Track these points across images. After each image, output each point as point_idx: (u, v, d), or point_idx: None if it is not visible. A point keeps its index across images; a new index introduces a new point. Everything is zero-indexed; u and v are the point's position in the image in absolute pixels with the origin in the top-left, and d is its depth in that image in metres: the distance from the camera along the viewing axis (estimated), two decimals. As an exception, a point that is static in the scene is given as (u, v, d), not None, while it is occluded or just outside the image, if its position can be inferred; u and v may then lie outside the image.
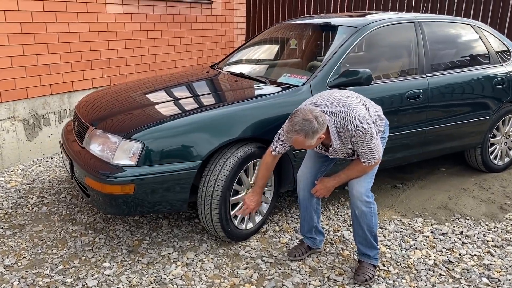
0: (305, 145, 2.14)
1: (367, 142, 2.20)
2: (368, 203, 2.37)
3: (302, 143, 2.13)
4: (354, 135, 2.17)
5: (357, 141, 2.19)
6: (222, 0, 6.42)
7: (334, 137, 2.20)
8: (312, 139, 2.10)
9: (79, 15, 4.34)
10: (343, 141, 2.23)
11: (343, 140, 2.22)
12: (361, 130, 2.16)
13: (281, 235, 2.90)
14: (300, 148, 2.25)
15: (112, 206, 2.55)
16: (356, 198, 2.38)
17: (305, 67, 3.51)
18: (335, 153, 2.32)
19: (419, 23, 3.45)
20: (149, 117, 2.68)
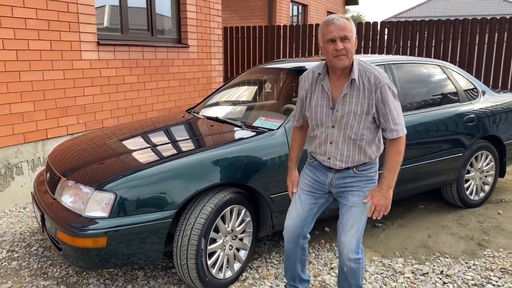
0: (348, 29, 2.00)
1: (392, 97, 2.05)
2: (358, 259, 2.22)
3: (346, 25, 2.00)
4: (377, 82, 2.03)
5: (381, 92, 2.03)
6: (199, 44, 6.53)
7: (356, 71, 2.07)
8: (354, 28, 2.03)
9: (54, 63, 4.33)
10: (363, 86, 2.06)
11: (363, 85, 2.06)
12: (384, 80, 2.05)
13: (261, 283, 2.83)
14: (339, 37, 2.00)
15: (84, 260, 2.46)
16: (345, 256, 2.22)
17: (280, 110, 3.55)
18: (346, 104, 2.09)
19: (389, 65, 3.56)
20: (123, 166, 2.64)
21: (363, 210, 2.20)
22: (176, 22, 6.23)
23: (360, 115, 2.08)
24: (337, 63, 2.05)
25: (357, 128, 2.11)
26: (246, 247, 2.90)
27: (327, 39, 2.03)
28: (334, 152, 2.19)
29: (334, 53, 2.02)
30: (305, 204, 2.35)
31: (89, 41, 4.70)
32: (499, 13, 23.16)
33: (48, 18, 4.24)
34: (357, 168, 2.20)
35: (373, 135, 2.16)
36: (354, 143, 2.15)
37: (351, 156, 2.18)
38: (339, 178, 2.23)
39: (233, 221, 2.76)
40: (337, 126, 2.14)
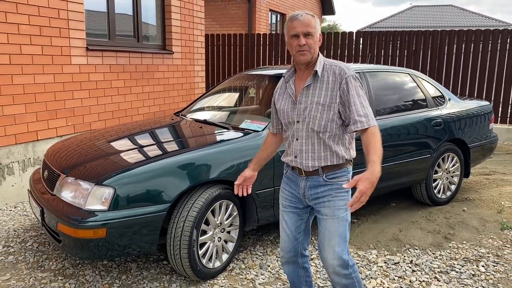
0: (311, 25, 2.00)
1: (357, 89, 2.00)
2: (348, 275, 2.08)
3: (310, 21, 2.01)
4: (342, 73, 2.01)
5: (346, 83, 1.99)
6: (183, 51, 6.75)
7: (319, 64, 2.06)
8: (318, 25, 2.04)
9: (44, 67, 4.49)
10: (327, 77, 2.04)
11: (328, 77, 2.04)
12: (350, 72, 2.03)
13: (247, 272, 3.07)
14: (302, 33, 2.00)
15: (84, 251, 2.64)
16: (332, 274, 2.10)
17: (263, 114, 3.80)
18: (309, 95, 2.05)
19: (363, 73, 3.87)
20: (120, 164, 2.84)
21: (338, 221, 2.07)
22: (161, 29, 6.44)
23: (323, 104, 2.02)
24: (299, 58, 2.05)
25: (320, 119, 2.03)
26: (233, 240, 3.13)
27: (291, 35, 2.04)
28: (300, 149, 2.11)
29: (297, 48, 2.03)
30: (291, 224, 2.27)
31: (79, 46, 4.86)
32: (472, 25, 24.15)
33: (40, 24, 4.40)
34: (327, 174, 2.08)
35: (339, 131, 2.06)
36: (318, 137, 2.06)
37: (316, 152, 2.08)
38: (310, 187, 2.12)
39: (221, 215, 2.99)
40: (301, 120, 2.08)
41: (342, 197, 2.08)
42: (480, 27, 22.19)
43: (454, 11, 29.81)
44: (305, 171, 2.12)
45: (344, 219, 2.08)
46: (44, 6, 4.42)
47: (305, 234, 2.30)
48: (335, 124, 2.04)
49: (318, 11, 19.24)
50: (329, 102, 2.02)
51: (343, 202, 2.08)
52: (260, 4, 13.04)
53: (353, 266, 2.11)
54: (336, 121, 2.04)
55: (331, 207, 2.07)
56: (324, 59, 2.10)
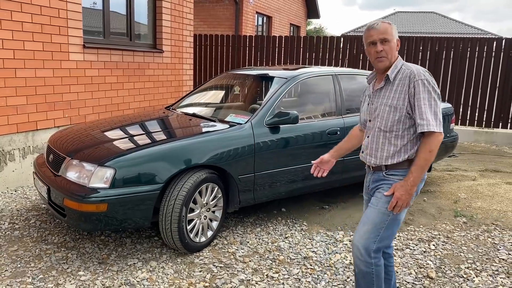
0: (387, 32, 2.11)
1: (424, 92, 2.05)
2: (369, 263, 2.15)
3: (386, 28, 2.12)
4: (412, 76, 2.08)
5: (414, 86, 2.06)
6: (172, 50, 7.14)
7: (393, 68, 2.15)
8: (395, 31, 2.13)
9: (45, 62, 4.84)
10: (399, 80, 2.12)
11: (399, 80, 2.12)
12: (420, 75, 2.08)
13: (229, 247, 3.50)
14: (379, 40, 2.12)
15: (86, 223, 3.04)
16: (354, 256, 2.20)
17: (247, 109, 4.24)
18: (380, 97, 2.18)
19: (336, 76, 4.34)
20: (120, 148, 3.24)
21: (378, 211, 2.14)
22: (152, 29, 6.82)
23: (390, 106, 2.12)
24: (378, 65, 2.17)
25: (387, 120, 2.14)
26: (218, 219, 3.55)
27: (368, 42, 2.16)
28: (366, 145, 2.27)
29: (375, 55, 2.14)
30: None
31: (76, 44, 5.22)
32: (451, 32, 24.99)
33: (41, 22, 4.75)
34: (388, 170, 2.18)
35: (408, 132, 2.12)
36: (384, 136, 2.16)
37: (379, 149, 2.18)
38: (372, 181, 2.26)
39: (207, 196, 3.41)
40: (372, 119, 2.24)
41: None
42: (458, 34, 23.05)
43: (435, 18, 30.71)
44: (371, 166, 2.26)
45: (385, 213, 2.13)
46: (46, 6, 4.78)
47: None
48: (403, 124, 2.11)
49: (304, 14, 19.77)
50: (396, 104, 2.11)
51: (389, 197, 2.13)
52: (247, 6, 13.48)
53: (377, 259, 2.16)
54: (404, 121, 2.11)
55: (377, 197, 2.18)
56: (401, 63, 2.17)
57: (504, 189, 5.30)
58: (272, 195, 3.88)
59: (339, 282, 3.04)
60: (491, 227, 4.10)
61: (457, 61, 8.83)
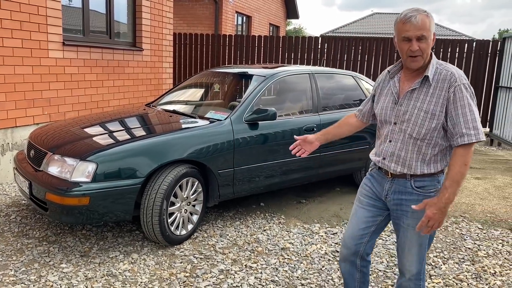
0: (426, 27, 1.83)
1: (468, 99, 1.84)
2: (418, 285, 2.10)
3: (424, 23, 1.83)
4: (453, 80, 1.86)
5: (454, 92, 1.84)
6: (152, 48, 7.18)
7: (431, 67, 1.91)
8: (433, 24, 1.86)
9: (24, 59, 4.84)
10: (436, 83, 1.89)
11: (436, 82, 1.89)
12: (462, 79, 1.87)
13: (209, 239, 3.60)
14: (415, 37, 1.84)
15: (69, 216, 3.10)
16: (406, 279, 2.11)
17: (227, 106, 4.34)
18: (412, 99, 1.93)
19: (313, 74, 4.49)
20: (101, 143, 3.31)
21: (420, 233, 1.97)
22: (132, 28, 6.86)
23: (426, 112, 1.89)
24: (410, 65, 1.92)
25: (421, 127, 1.91)
26: (198, 213, 3.65)
27: (402, 37, 1.88)
28: (391, 151, 2.01)
29: (409, 53, 1.88)
30: (362, 221, 2.17)
31: (56, 41, 5.23)
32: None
33: (20, 19, 4.75)
34: (415, 181, 1.98)
35: (441, 141, 1.93)
36: (414, 144, 1.95)
37: (408, 159, 1.97)
38: (395, 192, 2.04)
39: (188, 190, 3.50)
40: (399, 123, 1.98)
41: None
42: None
43: (411, 20, 31.31)
44: (391, 174, 2.04)
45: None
46: (25, 3, 4.78)
47: (372, 237, 2.18)
48: (438, 133, 1.91)
49: (283, 15, 19.96)
50: (434, 110, 1.88)
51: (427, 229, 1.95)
52: (227, 5, 13.57)
53: (423, 275, 2.11)
54: (439, 130, 1.90)
55: (415, 218, 1.96)
56: (436, 62, 1.94)
57: (473, 184, 5.55)
58: (251, 190, 4.00)
59: (314, 270, 3.17)
60: (459, 219, 4.31)
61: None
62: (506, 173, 6.22)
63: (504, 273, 3.23)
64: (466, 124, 1.82)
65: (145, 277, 2.97)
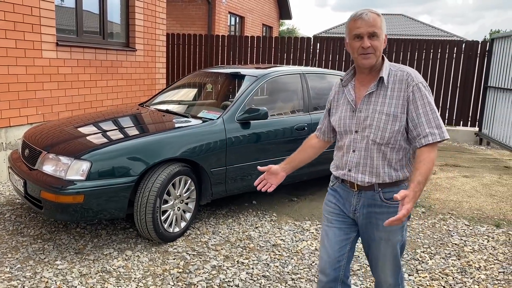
0: (377, 25, 1.80)
1: (427, 97, 1.80)
2: None
3: (376, 20, 1.80)
4: (410, 79, 1.82)
5: (413, 91, 1.80)
6: (145, 48, 7.23)
7: (385, 69, 1.86)
8: (384, 24, 1.83)
9: (18, 59, 4.88)
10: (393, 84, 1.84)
11: (393, 83, 1.84)
12: (418, 78, 1.84)
13: (202, 237, 3.67)
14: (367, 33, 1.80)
15: (63, 214, 3.15)
16: None
17: (219, 106, 4.41)
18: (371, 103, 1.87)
19: (304, 75, 4.57)
20: (95, 142, 3.36)
21: (393, 244, 1.94)
22: (125, 28, 6.90)
23: (388, 114, 1.83)
24: (363, 62, 1.85)
25: (384, 130, 1.84)
26: (191, 210, 3.71)
27: (353, 35, 1.84)
28: (356, 162, 1.91)
29: (360, 50, 1.83)
30: (335, 242, 2.02)
31: (49, 41, 5.27)
32: (418, 34, 25.80)
33: (14, 20, 4.79)
34: (384, 192, 1.89)
35: (405, 144, 1.87)
36: (378, 150, 1.87)
37: (375, 166, 1.88)
38: (363, 205, 1.94)
39: (181, 188, 3.57)
40: (361, 130, 1.89)
41: (399, 229, 1.94)
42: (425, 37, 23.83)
43: (403, 21, 31.59)
44: (359, 186, 1.93)
45: (399, 240, 1.96)
46: (18, 4, 4.82)
47: (349, 257, 2.05)
48: (402, 136, 1.85)
49: (276, 15, 20.05)
50: (395, 112, 1.82)
51: (399, 237, 1.95)
52: (220, 6, 13.63)
53: (402, 280, 2.06)
54: (403, 132, 1.84)
55: (386, 231, 1.91)
56: (389, 64, 1.91)
57: (461, 181, 5.66)
58: (244, 188, 4.07)
59: (304, 266, 3.25)
60: (447, 216, 4.41)
61: (421, 63, 9.24)
62: (493, 171, 6.34)
63: (488, 267, 3.33)
64: (429, 123, 1.77)
65: (139, 273, 3.03)
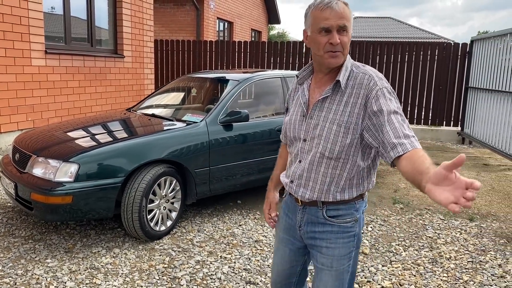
0: (347, 17, 1.53)
1: (392, 104, 1.50)
2: None
3: (346, 11, 1.53)
4: (372, 84, 1.53)
5: (375, 98, 1.50)
6: (133, 55, 7.39)
7: (344, 70, 1.58)
8: (352, 18, 1.57)
9: (7, 68, 5.03)
10: (352, 89, 1.56)
11: (352, 88, 1.56)
12: (382, 83, 1.55)
13: (187, 234, 3.83)
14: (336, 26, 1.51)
15: (53, 214, 3.30)
16: None
17: (203, 109, 4.58)
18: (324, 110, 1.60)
19: (284, 78, 4.76)
20: (83, 146, 3.52)
21: (337, 274, 1.66)
22: (113, 35, 7.07)
23: (339, 125, 1.55)
24: (330, 61, 1.56)
25: (333, 143, 1.56)
26: (176, 210, 3.87)
27: (320, 28, 1.53)
28: (299, 174, 1.67)
29: (328, 47, 1.53)
30: (285, 262, 1.85)
31: (38, 49, 5.42)
32: (406, 37, 26.18)
33: (3, 29, 4.94)
34: (328, 209, 1.65)
35: (358, 159, 1.59)
36: (326, 165, 1.60)
37: (318, 182, 1.63)
38: (307, 223, 1.71)
39: (166, 188, 3.73)
40: (309, 139, 1.63)
41: (344, 243, 1.64)
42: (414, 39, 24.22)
43: (392, 24, 32.02)
44: (302, 202, 1.71)
45: (345, 271, 1.67)
46: (7, 14, 4.97)
47: (300, 279, 1.88)
48: (355, 150, 1.57)
49: (265, 20, 20.29)
50: (348, 122, 1.54)
51: (345, 249, 1.65)
52: (208, 12, 13.82)
53: None
54: (356, 146, 1.56)
55: (329, 255, 1.65)
56: (351, 64, 1.62)
57: (440, 179, 5.87)
58: (227, 188, 4.24)
59: (284, 259, 3.42)
60: (423, 211, 4.61)
61: (403, 65, 9.49)
62: (472, 169, 6.57)
63: (458, 258, 3.52)
64: (395, 132, 1.44)
65: (126, 269, 3.19)
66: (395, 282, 3.12)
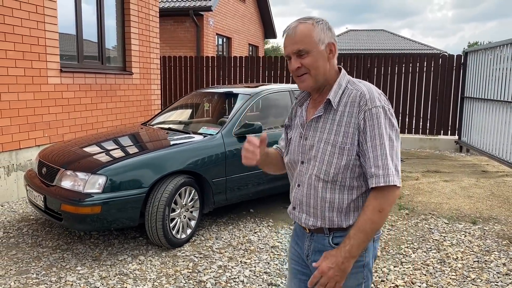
0: (304, 40, 1.47)
1: (382, 127, 1.42)
2: None
3: (303, 34, 1.48)
4: (363, 103, 1.45)
5: (365, 117, 1.44)
6: (141, 72, 7.63)
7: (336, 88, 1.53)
8: (323, 32, 1.49)
9: (26, 86, 5.24)
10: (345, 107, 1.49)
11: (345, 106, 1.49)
12: (376, 101, 1.46)
13: (206, 242, 4.02)
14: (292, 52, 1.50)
15: (82, 224, 3.49)
16: None
17: (216, 122, 4.81)
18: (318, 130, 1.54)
19: (293, 91, 5.00)
20: (109, 158, 3.73)
21: None
22: (122, 53, 7.31)
23: (334, 145, 1.48)
24: (300, 86, 1.56)
25: (328, 165, 1.49)
26: (195, 218, 4.07)
27: (285, 56, 1.56)
28: (300, 199, 1.60)
29: (294, 73, 1.54)
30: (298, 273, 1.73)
31: (54, 68, 5.65)
32: (399, 48, 26.67)
33: (23, 50, 5.16)
34: (334, 236, 1.55)
35: (357, 183, 1.50)
36: (324, 188, 1.52)
37: (319, 208, 1.54)
38: (314, 251, 1.60)
39: (186, 198, 3.93)
40: (306, 161, 1.58)
41: (352, 274, 1.50)
42: (407, 51, 24.68)
43: (385, 36, 32.58)
44: (309, 230, 1.62)
45: None
46: (26, 35, 5.20)
47: None
48: (352, 172, 1.48)
49: (261, 35, 20.68)
50: (343, 143, 1.47)
51: (352, 281, 1.53)
52: (207, 28, 14.15)
53: None
54: (352, 168, 1.48)
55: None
56: (347, 81, 1.57)
57: (441, 185, 6.11)
58: (242, 196, 4.44)
59: (301, 262, 3.62)
60: (428, 216, 4.83)
61: (401, 76, 9.79)
62: (472, 175, 6.81)
63: (464, 258, 3.73)
64: (374, 161, 1.41)
65: (153, 274, 3.37)
66: (408, 281, 3.32)
